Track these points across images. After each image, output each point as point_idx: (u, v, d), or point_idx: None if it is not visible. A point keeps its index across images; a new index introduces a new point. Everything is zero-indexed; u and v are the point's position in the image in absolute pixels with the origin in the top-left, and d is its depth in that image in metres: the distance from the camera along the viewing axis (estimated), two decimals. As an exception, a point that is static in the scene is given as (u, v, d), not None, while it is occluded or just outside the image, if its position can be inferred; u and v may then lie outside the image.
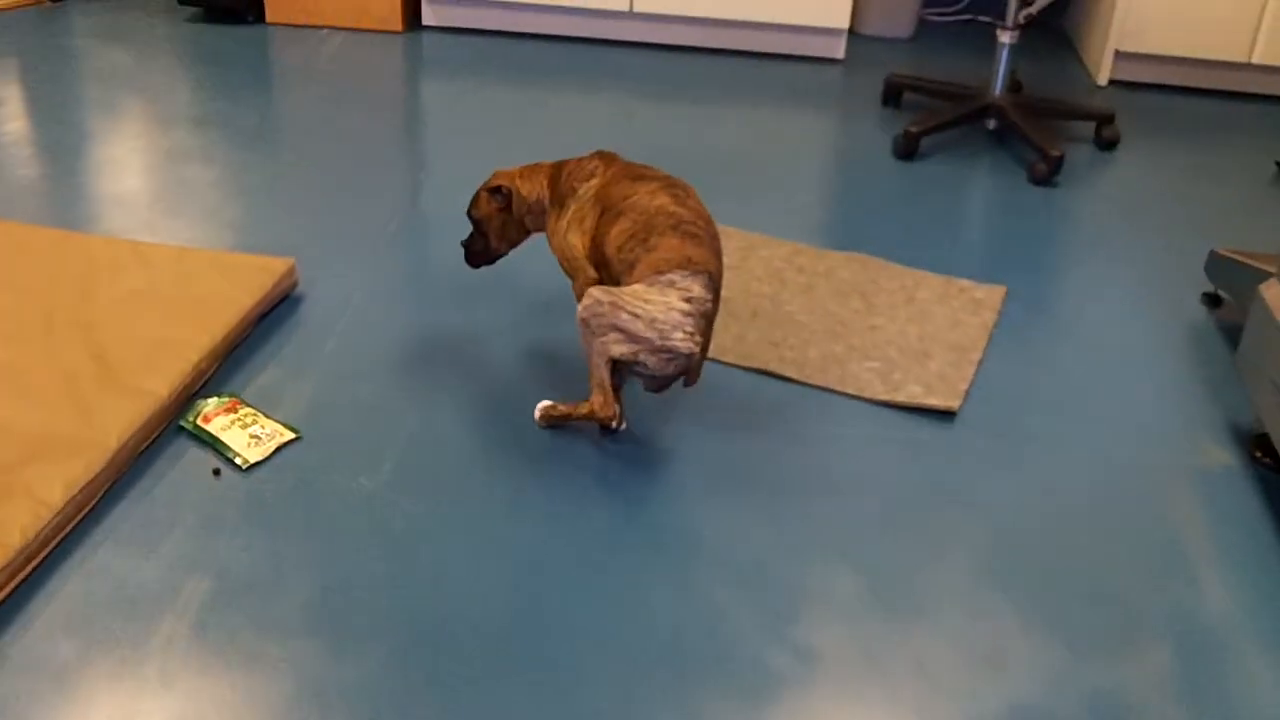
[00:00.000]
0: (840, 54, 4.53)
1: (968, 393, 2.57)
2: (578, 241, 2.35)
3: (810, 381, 2.59)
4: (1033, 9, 3.73)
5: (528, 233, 2.53)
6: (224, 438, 2.30)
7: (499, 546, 2.08)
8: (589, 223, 2.33)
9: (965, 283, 2.99)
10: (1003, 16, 3.83)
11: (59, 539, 2.09)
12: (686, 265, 2.17)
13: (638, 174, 2.34)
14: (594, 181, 2.37)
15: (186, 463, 2.27)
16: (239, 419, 2.34)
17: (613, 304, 2.14)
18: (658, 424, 2.41)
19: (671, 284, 2.15)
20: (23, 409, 2.30)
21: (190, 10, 4.66)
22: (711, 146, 3.70)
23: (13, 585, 1.98)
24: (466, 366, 2.57)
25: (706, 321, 2.18)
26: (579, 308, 2.19)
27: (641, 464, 2.30)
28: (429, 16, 4.55)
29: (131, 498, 2.19)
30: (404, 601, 1.96)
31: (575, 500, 2.20)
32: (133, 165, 3.44)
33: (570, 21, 4.47)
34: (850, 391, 2.56)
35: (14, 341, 2.50)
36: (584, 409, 2.29)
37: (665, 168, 3.48)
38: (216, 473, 2.24)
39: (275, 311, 2.72)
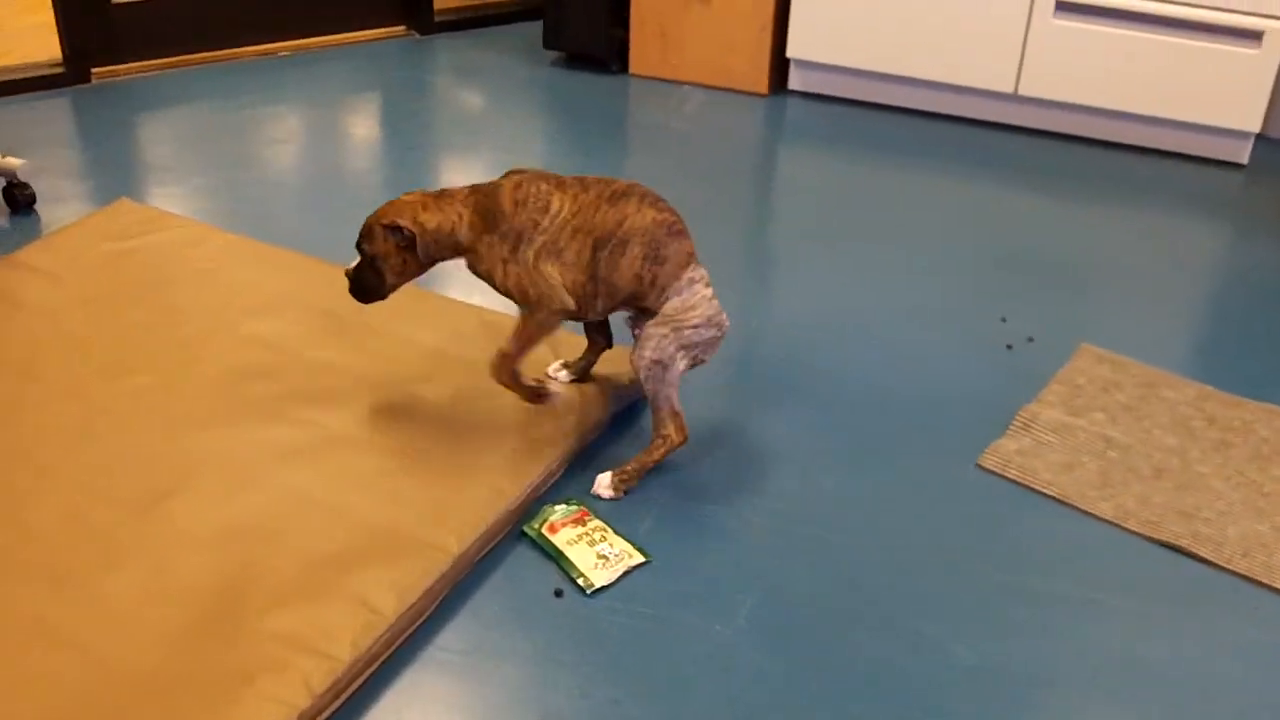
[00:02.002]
0: (1244, 159, 4.07)
1: None
2: (555, 272, 2.26)
3: (1230, 567, 2.22)
4: None
5: (430, 266, 2.33)
6: (570, 553, 2.10)
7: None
8: (571, 255, 2.26)
9: None
10: None
11: (388, 655, 1.92)
12: (689, 260, 2.28)
13: (607, 194, 2.29)
14: (558, 208, 2.27)
15: (527, 576, 2.09)
16: (587, 533, 2.14)
17: (674, 330, 2.24)
18: (1047, 600, 2.09)
19: (691, 282, 2.27)
20: (368, 499, 2.16)
21: (554, 55, 4.59)
22: (1089, 250, 3.34)
23: (336, 706, 1.82)
24: (829, 500, 2.31)
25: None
26: (647, 352, 2.22)
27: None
28: (795, 81, 4.34)
29: (465, 613, 2.02)
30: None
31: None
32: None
33: (946, 99, 4.18)
34: (1278, 586, 2.18)
35: (366, 420, 2.38)
36: (662, 449, 2.29)
37: (1033, 271, 3.15)
38: (559, 594, 2.05)
39: (631, 408, 2.52)
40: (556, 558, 2.11)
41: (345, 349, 2.58)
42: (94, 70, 4.13)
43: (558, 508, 2.20)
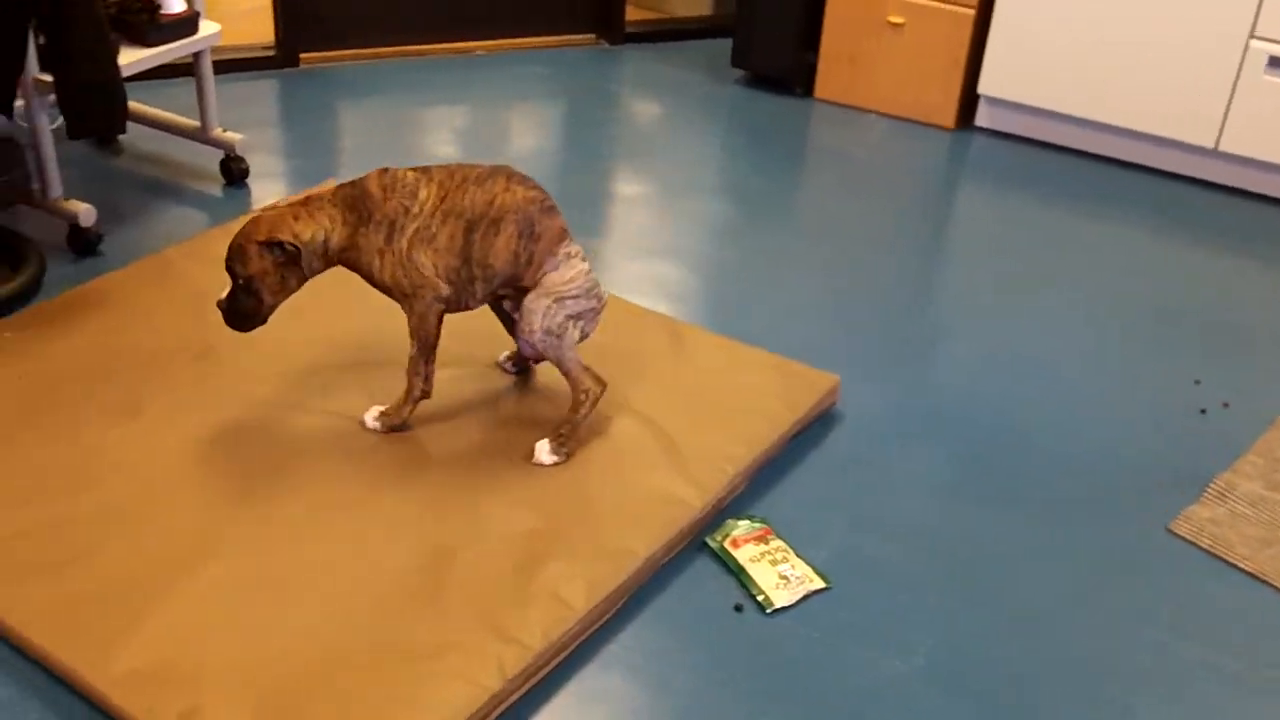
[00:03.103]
0: None
1: None
2: (426, 260, 2.24)
3: None
4: None
5: (305, 279, 2.26)
6: (751, 570, 2.12)
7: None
8: (444, 240, 2.25)
9: None
10: None
11: (574, 647, 1.96)
12: (563, 236, 2.31)
13: (472, 177, 2.28)
14: (425, 195, 2.25)
15: (708, 587, 2.11)
16: (769, 552, 2.16)
17: (556, 301, 2.27)
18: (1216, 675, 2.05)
19: (567, 257, 2.30)
20: (561, 496, 2.21)
21: (739, 73, 4.61)
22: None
23: (522, 692, 1.87)
24: (1012, 550, 2.29)
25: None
26: (535, 323, 2.26)
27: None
28: (983, 117, 4.30)
29: (646, 616, 2.05)
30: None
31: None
32: (655, 230, 3.37)
33: (1141, 148, 4.11)
34: None
35: (551, 413, 2.43)
36: (587, 404, 2.33)
37: (1228, 335, 3.08)
38: (739, 609, 2.07)
39: (810, 429, 2.53)
40: (737, 573, 2.13)
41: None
42: (302, 55, 4.27)
43: (741, 523, 2.22)
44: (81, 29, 2.53)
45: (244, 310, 2.24)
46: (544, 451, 2.31)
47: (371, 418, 2.38)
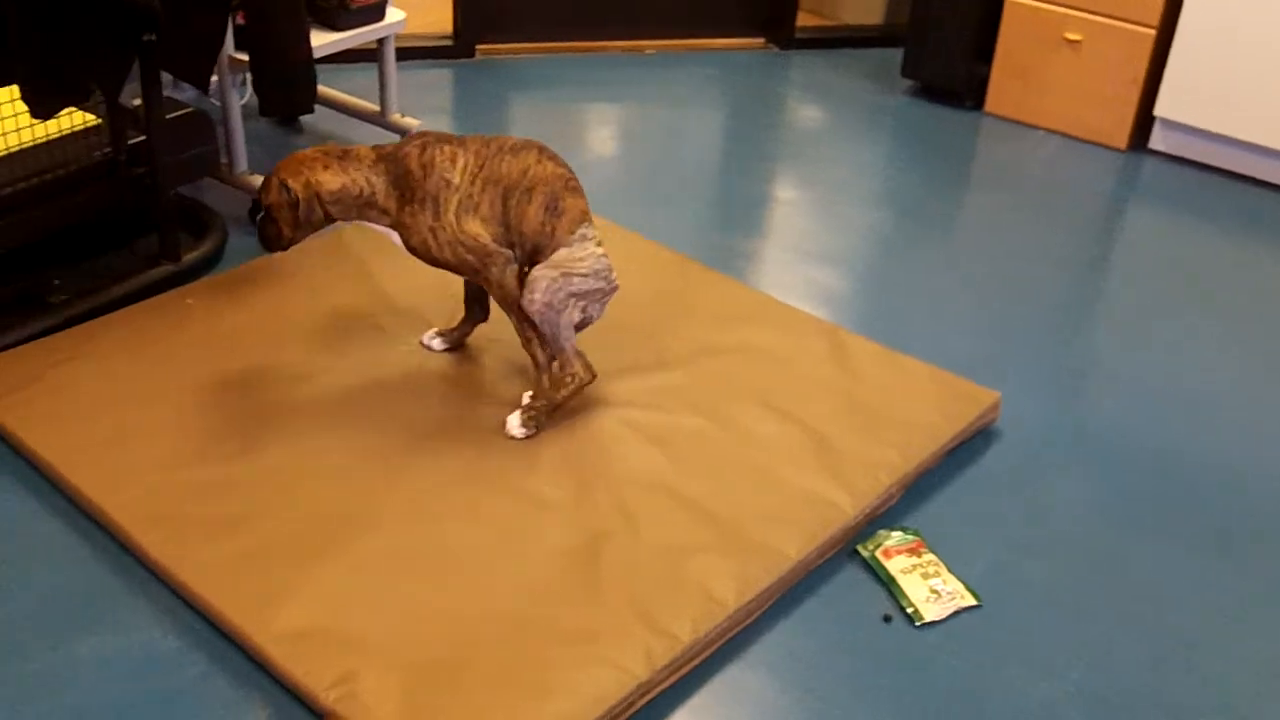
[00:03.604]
0: None
1: None
2: (480, 229, 2.27)
3: None
4: None
5: (331, 221, 2.31)
6: (902, 582, 2.11)
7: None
8: (486, 207, 2.29)
9: None
10: None
11: (721, 643, 1.98)
12: (584, 218, 2.34)
13: (506, 146, 2.33)
14: (463, 164, 2.29)
15: (857, 596, 2.11)
16: (921, 565, 2.14)
17: (564, 275, 2.29)
18: None
19: (584, 237, 2.33)
20: (716, 492, 2.22)
21: (908, 84, 4.58)
22: None
23: (667, 684, 1.89)
24: (1175, 584, 2.24)
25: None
26: (538, 293, 2.28)
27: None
28: (1158, 140, 4.20)
29: (794, 618, 2.06)
30: None
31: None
32: (816, 236, 3.36)
33: (1317, 178, 3.98)
34: None
35: (708, 411, 2.44)
36: (571, 387, 2.36)
37: None
38: (887, 619, 2.06)
39: (968, 444, 2.50)
40: (888, 583, 2.12)
41: (693, 343, 2.66)
42: (478, 46, 4.36)
43: (894, 534, 2.21)
44: (280, 11, 2.62)
45: (266, 234, 2.33)
46: (514, 424, 2.36)
47: (516, 425, 2.37)
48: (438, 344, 2.60)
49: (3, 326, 2.59)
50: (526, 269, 2.36)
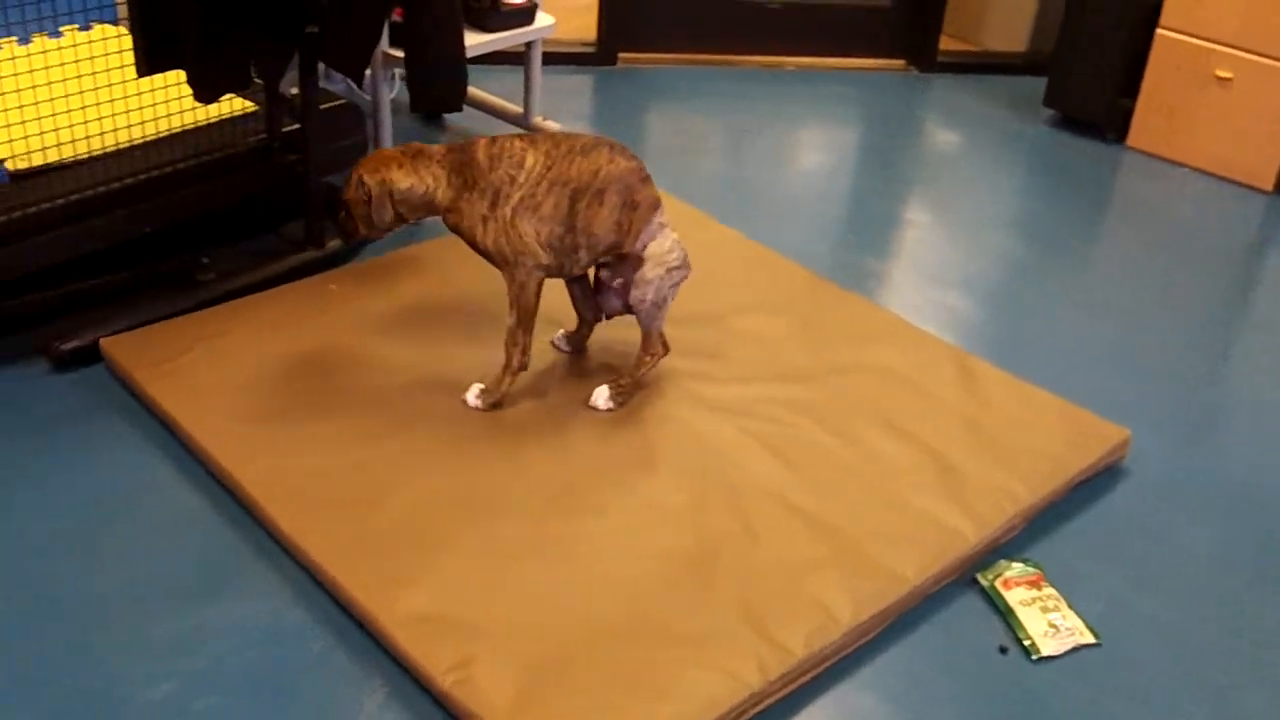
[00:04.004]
0: None
1: None
2: (531, 230, 2.32)
3: None
4: None
5: (403, 221, 2.36)
6: (1021, 614, 2.10)
7: None
8: (549, 209, 2.32)
9: None
10: None
11: (834, 660, 1.98)
12: (657, 204, 2.41)
13: (578, 147, 2.35)
14: (532, 163, 2.32)
15: (973, 624, 2.10)
16: (1040, 599, 2.12)
17: (667, 271, 2.41)
18: None
19: (660, 226, 2.41)
20: (836, 508, 2.23)
21: (1049, 113, 4.53)
22: None
23: (778, 696, 1.90)
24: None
25: None
26: (649, 295, 2.40)
27: None
28: (1306, 184, 4.11)
29: (909, 642, 2.06)
30: None
31: None
32: (946, 260, 3.34)
33: None
34: None
35: (832, 427, 2.45)
36: (651, 364, 2.49)
37: None
38: (1003, 651, 2.05)
39: (1094, 480, 2.47)
40: (1006, 614, 2.11)
41: (820, 360, 2.66)
42: (620, 54, 4.41)
43: (1014, 565, 2.20)
44: (439, 9, 2.69)
45: (343, 227, 2.40)
46: (602, 398, 2.44)
47: (473, 395, 2.44)
48: (564, 345, 2.64)
49: (153, 301, 2.69)
50: (605, 265, 2.46)
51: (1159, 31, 4.12)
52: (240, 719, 1.86)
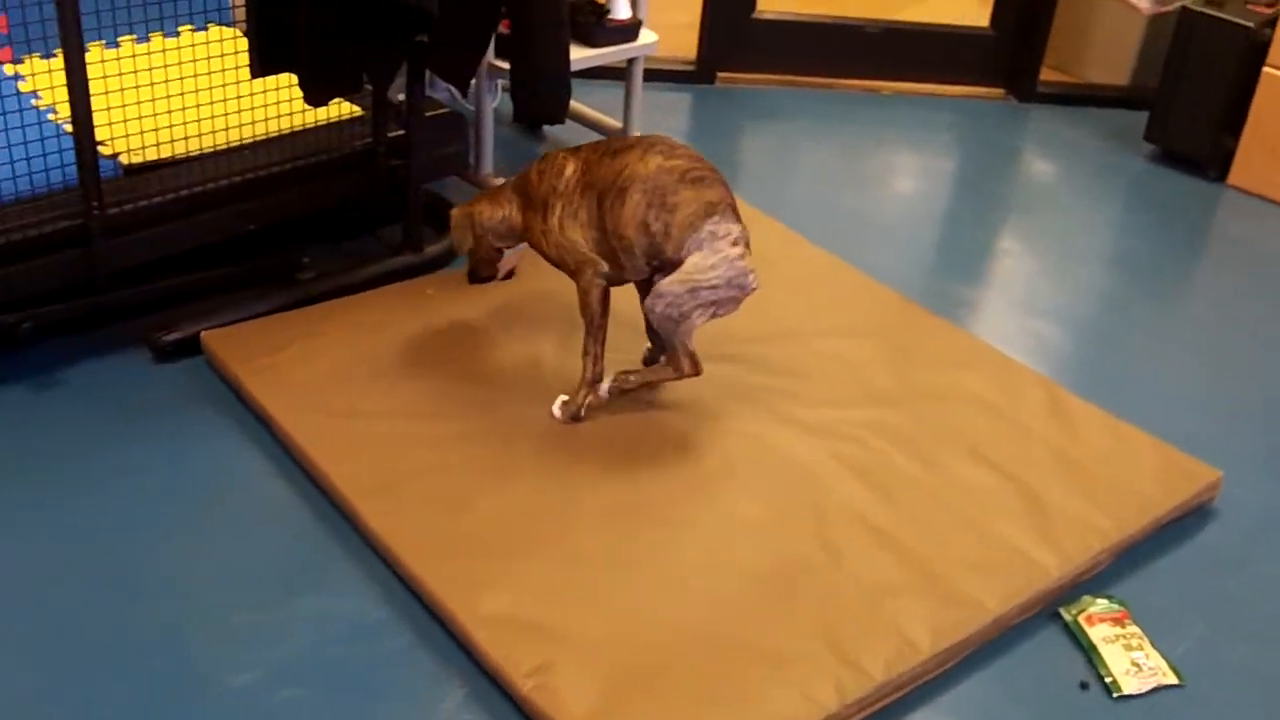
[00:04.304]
0: None
1: None
2: (578, 236, 2.32)
3: None
4: None
5: (500, 252, 2.52)
6: (1103, 651, 2.08)
7: None
8: (585, 214, 2.31)
9: None
10: None
11: (912, 687, 1.98)
12: (711, 210, 2.23)
13: (614, 148, 2.32)
14: (570, 172, 2.34)
15: (1054, 659, 2.08)
16: (1124, 636, 2.10)
17: (690, 290, 2.24)
18: None
19: (713, 236, 2.24)
20: (920, 535, 2.23)
21: (1149, 148, 4.48)
22: None
23: (856, 719, 1.90)
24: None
25: (748, 246, 2.28)
26: (659, 307, 2.27)
27: None
28: None
29: (988, 673, 2.05)
30: None
31: None
32: (1038, 290, 3.32)
33: None
34: None
35: (918, 453, 2.44)
36: (671, 376, 2.40)
37: None
38: (1084, 687, 2.03)
39: (1182, 520, 2.45)
40: (1088, 650, 2.09)
41: (908, 384, 2.66)
42: (719, 73, 4.43)
43: (1099, 601, 2.18)
44: (546, 22, 2.73)
45: (476, 273, 2.61)
46: (601, 389, 2.45)
47: (557, 407, 2.46)
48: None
49: (254, 297, 2.75)
50: (658, 269, 2.34)
51: (1266, 70, 4.06)
52: (320, 711, 1.89)
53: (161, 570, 2.12)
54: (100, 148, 2.51)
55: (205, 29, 2.98)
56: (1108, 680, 2.04)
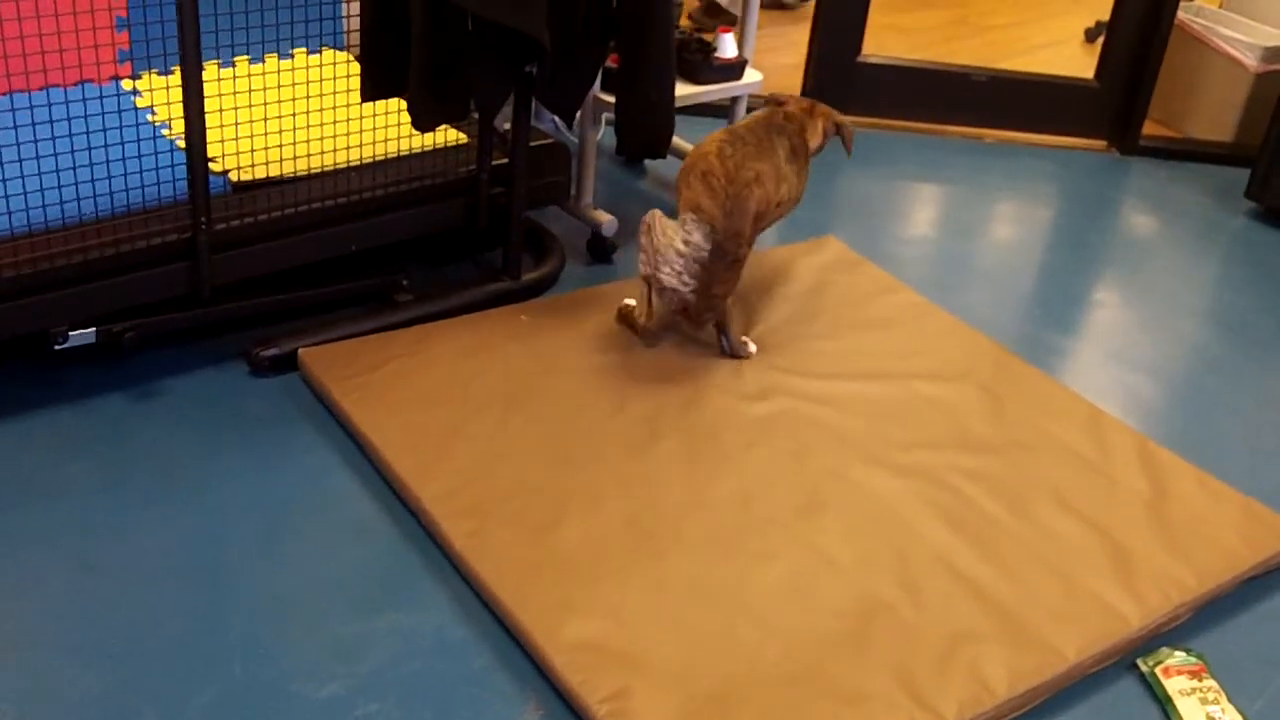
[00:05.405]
0: None
1: None
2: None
3: None
4: None
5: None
6: (1179, 703, 2.06)
7: None
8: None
9: None
10: None
11: (984, 732, 1.97)
12: (696, 211, 2.45)
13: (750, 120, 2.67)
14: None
15: (1130, 709, 2.07)
16: (1200, 690, 2.08)
17: (647, 225, 2.53)
18: None
19: (683, 224, 2.48)
20: (1002, 580, 2.22)
21: (1250, 205, 4.42)
22: None
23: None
24: None
25: (700, 268, 2.49)
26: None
27: None
28: None
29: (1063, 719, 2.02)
30: None
31: None
32: (1132, 343, 3.28)
33: None
34: None
35: (1005, 499, 2.44)
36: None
37: None
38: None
39: (1266, 576, 2.41)
40: (1164, 702, 2.07)
41: (999, 431, 2.65)
42: (819, 115, 4.45)
43: (1176, 653, 2.16)
44: (655, 56, 2.77)
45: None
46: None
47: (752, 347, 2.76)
48: (753, 348, 2.80)
49: (352, 317, 2.82)
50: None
51: (1376, 130, 4.00)
52: (399, 727, 1.93)
53: (249, 580, 2.17)
54: (211, 164, 2.58)
55: (319, 52, 3.06)
56: (1184, 734, 2.02)
